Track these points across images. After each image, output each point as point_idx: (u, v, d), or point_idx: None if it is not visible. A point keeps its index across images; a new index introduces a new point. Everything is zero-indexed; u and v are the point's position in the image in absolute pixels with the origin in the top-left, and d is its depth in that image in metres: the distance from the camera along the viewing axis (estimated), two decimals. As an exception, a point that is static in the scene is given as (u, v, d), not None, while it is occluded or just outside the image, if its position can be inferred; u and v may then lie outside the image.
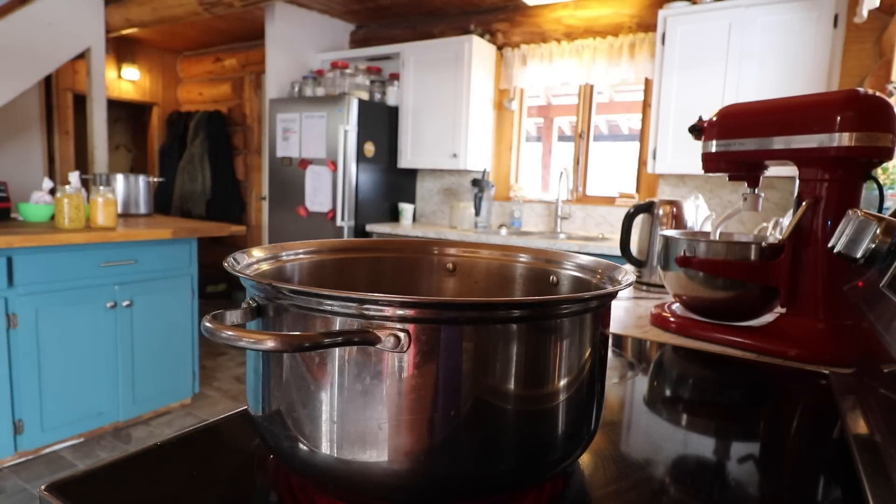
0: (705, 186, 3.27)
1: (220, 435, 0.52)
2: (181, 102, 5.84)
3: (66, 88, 4.90)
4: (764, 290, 0.89)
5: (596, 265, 0.51)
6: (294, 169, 3.81)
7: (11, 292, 2.21)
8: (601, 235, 3.53)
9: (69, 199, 2.41)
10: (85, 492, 0.41)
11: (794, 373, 0.78)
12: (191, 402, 3.00)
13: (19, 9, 3.43)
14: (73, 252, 2.38)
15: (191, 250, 2.84)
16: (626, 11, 3.43)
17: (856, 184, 0.82)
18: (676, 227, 1.37)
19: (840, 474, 0.49)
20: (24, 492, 2.18)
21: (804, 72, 2.67)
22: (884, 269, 0.51)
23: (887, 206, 1.41)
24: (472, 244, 0.62)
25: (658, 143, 3.07)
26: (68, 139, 4.93)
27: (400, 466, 0.35)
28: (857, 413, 0.54)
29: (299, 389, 0.37)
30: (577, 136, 3.77)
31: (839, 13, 2.59)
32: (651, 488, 0.45)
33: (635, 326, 1.00)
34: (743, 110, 0.92)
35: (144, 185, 3.34)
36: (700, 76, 2.93)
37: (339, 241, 0.59)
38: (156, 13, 4.11)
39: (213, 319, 0.34)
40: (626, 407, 0.64)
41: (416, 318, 0.33)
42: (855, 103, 0.78)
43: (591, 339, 0.40)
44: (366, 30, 4.55)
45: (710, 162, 0.95)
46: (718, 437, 0.57)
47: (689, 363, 0.82)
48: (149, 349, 2.70)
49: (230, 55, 5.33)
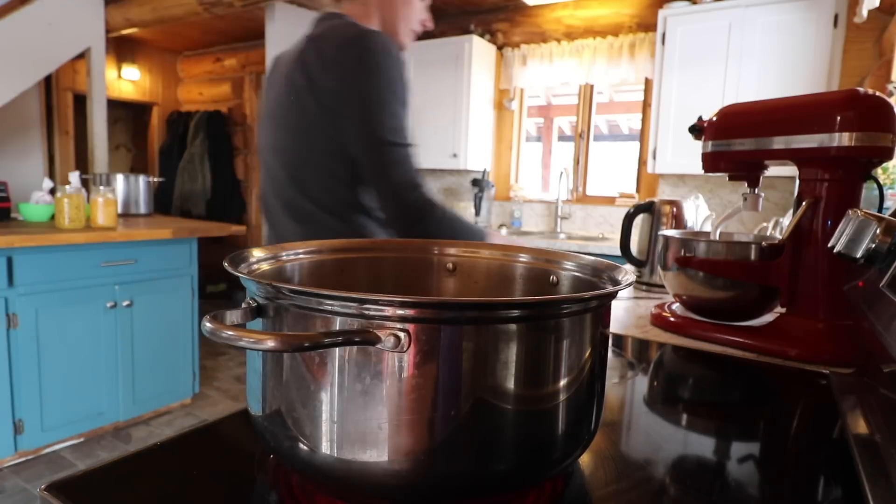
0: (705, 186, 3.27)
1: (220, 435, 0.52)
2: (181, 102, 5.84)
3: (66, 88, 4.90)
4: (764, 290, 0.89)
5: (596, 265, 0.51)
6: (294, 169, 3.80)
7: (11, 292, 2.21)
8: (601, 235, 3.54)
9: (69, 199, 2.41)
10: (85, 492, 0.41)
11: (794, 373, 0.78)
12: (191, 402, 3.00)
13: (19, 9, 3.43)
14: (73, 252, 2.38)
15: (191, 250, 2.84)
16: (626, 11, 3.43)
17: (856, 184, 0.82)
18: (676, 227, 1.37)
19: (840, 474, 0.49)
20: (24, 492, 2.18)
21: (804, 72, 2.67)
22: (884, 269, 0.51)
23: (887, 206, 1.41)
24: (473, 244, 0.62)
25: (658, 142, 3.07)
26: (68, 139, 4.93)
27: (400, 466, 0.35)
28: (857, 413, 0.54)
29: (299, 389, 0.37)
30: (577, 136, 3.77)
31: (839, 13, 2.59)
32: (651, 488, 0.45)
33: (635, 326, 1.00)
34: (743, 110, 0.92)
35: (144, 185, 3.34)
36: (700, 76, 2.93)
37: (339, 241, 0.59)
38: (156, 13, 4.11)
39: (213, 319, 0.34)
40: (626, 407, 0.64)
41: (416, 318, 0.33)
42: (855, 103, 0.78)
43: (591, 339, 0.40)
44: (366, 30, 4.55)
45: (709, 162, 0.95)
46: (718, 437, 0.57)
47: (689, 363, 0.82)
48: (149, 349, 2.70)
49: (230, 55, 5.33)
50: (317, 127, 1.09)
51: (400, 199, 1.09)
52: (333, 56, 1.06)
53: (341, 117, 1.07)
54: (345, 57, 1.05)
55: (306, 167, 1.13)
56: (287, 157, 1.15)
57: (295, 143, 1.13)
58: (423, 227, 1.09)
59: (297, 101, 1.09)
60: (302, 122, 1.10)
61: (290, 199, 1.16)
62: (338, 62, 1.05)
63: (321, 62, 1.07)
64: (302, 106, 1.09)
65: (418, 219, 1.09)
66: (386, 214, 1.13)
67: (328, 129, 1.09)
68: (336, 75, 1.05)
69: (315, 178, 1.14)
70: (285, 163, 1.15)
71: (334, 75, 1.06)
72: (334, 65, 1.06)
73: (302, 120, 1.10)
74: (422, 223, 1.09)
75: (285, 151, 1.15)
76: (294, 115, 1.11)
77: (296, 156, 1.14)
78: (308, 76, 1.08)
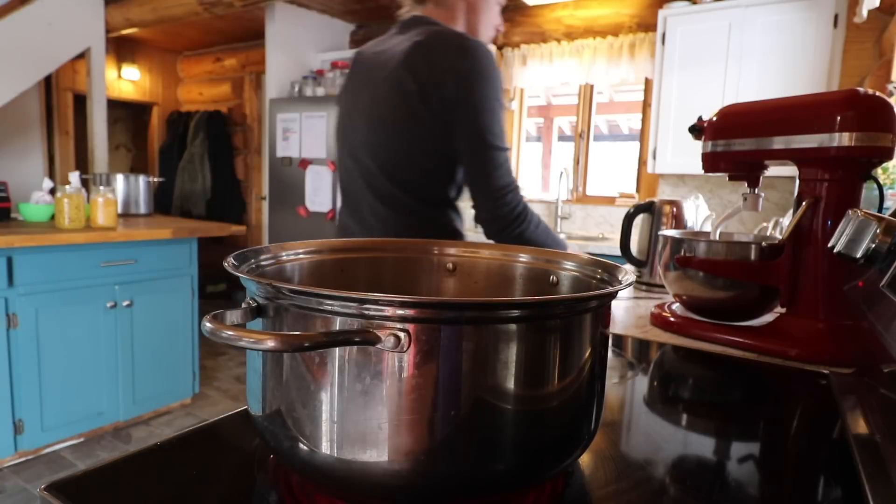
0: (705, 186, 3.27)
1: (220, 435, 0.52)
2: (181, 102, 5.84)
3: (66, 88, 4.90)
4: (764, 290, 0.89)
5: (596, 265, 0.51)
6: (294, 169, 3.81)
7: (11, 292, 2.21)
8: (601, 235, 3.54)
9: (69, 199, 2.41)
10: (85, 492, 0.41)
11: (794, 373, 0.78)
12: (191, 402, 3.00)
13: (19, 9, 3.43)
14: (73, 252, 2.38)
15: (191, 250, 2.84)
16: (626, 11, 3.43)
17: (856, 184, 0.82)
18: (676, 227, 1.37)
19: (840, 474, 0.49)
20: (24, 492, 2.18)
21: (804, 72, 2.67)
22: (884, 269, 0.51)
23: (887, 206, 1.41)
24: (473, 244, 0.62)
25: (658, 142, 3.07)
26: (68, 139, 4.93)
27: (400, 466, 0.35)
28: (857, 413, 0.54)
29: (299, 389, 0.37)
30: (577, 136, 3.77)
31: (839, 13, 2.59)
32: (651, 488, 0.45)
33: (635, 326, 1.00)
34: (743, 110, 0.92)
35: (144, 185, 3.34)
36: (700, 76, 2.93)
37: (339, 241, 0.59)
38: (156, 13, 4.11)
39: (213, 319, 0.34)
40: (626, 407, 0.64)
41: (416, 318, 0.33)
42: (855, 103, 0.78)
43: (591, 339, 0.40)
44: (366, 30, 4.55)
45: (709, 162, 0.95)
46: (718, 437, 0.57)
47: (689, 363, 0.82)
48: (149, 349, 2.70)
49: (230, 55, 5.33)
50: (425, 130, 1.15)
51: (500, 202, 1.15)
52: (448, 65, 1.12)
53: (451, 123, 1.13)
54: (459, 66, 1.11)
55: (408, 166, 1.19)
56: (387, 154, 1.20)
57: (397, 142, 1.18)
58: (519, 232, 1.17)
59: (406, 106, 1.14)
60: (409, 124, 1.16)
61: (387, 193, 1.21)
62: (452, 71, 1.11)
63: (432, 70, 1.12)
64: (412, 111, 1.14)
65: (514, 222, 1.16)
66: (481, 214, 1.19)
67: (435, 133, 1.15)
68: (451, 84, 1.11)
69: (414, 175, 1.20)
70: (385, 160, 1.20)
71: (448, 84, 1.11)
72: (447, 73, 1.11)
73: (409, 123, 1.16)
74: (518, 227, 1.17)
75: (385, 149, 1.20)
76: (401, 118, 1.16)
77: (397, 154, 1.19)
78: (419, 83, 1.12)
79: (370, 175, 1.22)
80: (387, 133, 1.19)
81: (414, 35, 1.18)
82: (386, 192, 1.21)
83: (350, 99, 1.28)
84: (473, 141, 1.13)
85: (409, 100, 1.14)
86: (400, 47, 1.18)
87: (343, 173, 1.32)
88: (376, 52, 1.25)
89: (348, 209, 1.32)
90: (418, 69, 1.13)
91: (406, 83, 1.13)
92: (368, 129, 1.22)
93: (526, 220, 1.18)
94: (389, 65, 1.18)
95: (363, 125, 1.23)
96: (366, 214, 1.26)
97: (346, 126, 1.29)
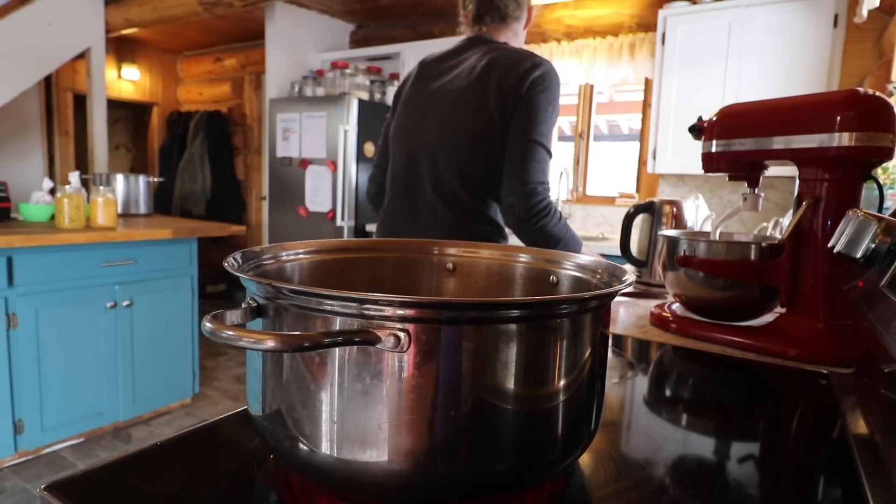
0: (705, 186, 3.27)
1: (220, 435, 0.52)
2: (181, 102, 5.84)
3: (66, 88, 4.90)
4: (764, 290, 0.89)
5: (596, 265, 0.51)
6: (294, 169, 3.81)
7: (11, 292, 2.21)
8: (601, 235, 3.54)
9: (69, 199, 2.41)
10: (85, 492, 0.41)
11: (794, 373, 0.78)
12: (191, 402, 3.00)
13: (19, 9, 3.43)
14: (73, 252, 2.38)
15: (191, 250, 2.84)
16: (626, 11, 3.43)
17: (856, 184, 0.82)
18: (676, 227, 1.37)
19: (840, 474, 0.49)
20: (24, 492, 2.18)
21: (804, 72, 2.67)
22: (884, 269, 0.51)
23: (887, 206, 1.41)
24: (473, 244, 0.62)
25: (658, 142, 3.07)
26: (68, 139, 4.93)
27: (400, 466, 0.35)
28: (857, 413, 0.54)
29: (299, 389, 0.37)
30: (577, 136, 3.77)
31: (839, 13, 2.59)
32: (651, 488, 0.45)
33: (635, 326, 1.00)
34: (743, 110, 0.92)
35: (144, 185, 3.34)
36: (700, 76, 2.93)
37: (339, 241, 0.59)
38: (156, 13, 4.11)
39: (213, 319, 0.34)
40: (626, 407, 0.64)
41: (416, 318, 0.33)
42: (855, 103, 0.78)
43: (591, 339, 0.40)
44: (366, 30, 4.55)
45: (710, 162, 0.95)
46: (718, 437, 0.57)
47: (689, 363, 0.82)
48: (149, 349, 2.70)
49: (230, 55, 5.33)
50: (497, 138, 1.28)
51: (529, 192, 1.24)
52: (522, 82, 1.25)
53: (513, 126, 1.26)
54: (532, 83, 1.26)
55: (483, 173, 1.30)
56: (458, 158, 1.31)
57: (477, 150, 1.30)
58: (541, 225, 1.25)
59: (485, 118, 1.27)
60: (484, 133, 1.28)
61: (453, 196, 1.32)
62: (527, 86, 1.25)
63: (505, 86, 1.26)
64: (490, 122, 1.27)
65: (538, 214, 1.25)
66: (508, 199, 1.27)
67: (503, 139, 1.28)
68: (524, 98, 1.25)
69: (487, 183, 1.31)
70: (461, 166, 1.31)
71: (522, 98, 1.25)
72: (521, 87, 1.25)
73: (485, 132, 1.28)
74: (541, 220, 1.25)
75: (458, 153, 1.31)
76: (481, 127, 1.28)
77: (475, 162, 1.30)
78: (497, 99, 1.26)
79: (440, 179, 1.32)
80: (466, 141, 1.30)
81: (484, 51, 1.32)
82: (451, 195, 1.31)
83: (418, 103, 1.38)
84: (521, 133, 1.24)
85: (488, 112, 1.26)
86: (473, 62, 1.31)
87: (402, 171, 1.38)
88: (449, 64, 1.37)
89: (402, 207, 1.39)
90: (493, 86, 1.26)
91: (486, 95, 1.26)
92: (444, 136, 1.32)
93: (549, 214, 1.25)
94: (467, 77, 1.30)
95: (437, 130, 1.33)
96: (424, 214, 1.34)
97: (415, 128, 1.37)
